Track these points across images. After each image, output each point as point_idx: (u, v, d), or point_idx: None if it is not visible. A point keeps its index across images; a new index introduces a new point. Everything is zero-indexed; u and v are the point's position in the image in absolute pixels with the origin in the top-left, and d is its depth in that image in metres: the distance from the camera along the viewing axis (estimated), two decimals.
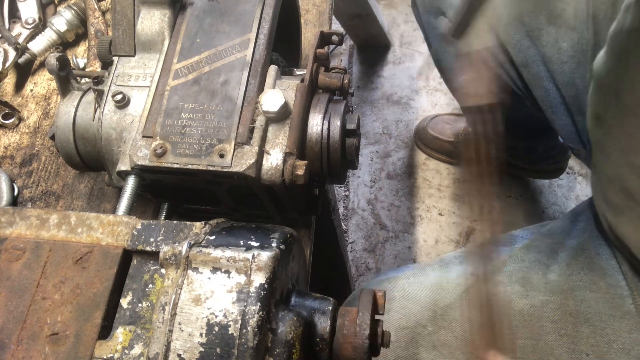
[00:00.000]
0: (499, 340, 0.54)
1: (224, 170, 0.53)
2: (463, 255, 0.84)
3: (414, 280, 0.81)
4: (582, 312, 0.69)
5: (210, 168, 0.53)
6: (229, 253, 0.45)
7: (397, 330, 0.77)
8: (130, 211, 0.56)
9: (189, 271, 0.45)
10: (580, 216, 0.81)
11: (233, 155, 0.53)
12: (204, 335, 0.42)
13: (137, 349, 0.44)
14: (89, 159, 0.64)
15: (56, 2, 0.92)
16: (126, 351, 0.44)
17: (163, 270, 0.46)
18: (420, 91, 1.90)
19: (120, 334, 0.45)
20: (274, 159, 0.54)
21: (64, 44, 0.89)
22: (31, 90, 0.87)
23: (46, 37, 0.86)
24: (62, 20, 0.86)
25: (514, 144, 1.46)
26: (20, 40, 0.85)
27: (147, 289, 0.47)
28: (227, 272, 0.44)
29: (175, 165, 0.54)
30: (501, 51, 0.87)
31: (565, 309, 0.69)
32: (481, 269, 0.60)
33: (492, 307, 0.55)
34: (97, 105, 0.61)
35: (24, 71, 0.88)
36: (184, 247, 0.46)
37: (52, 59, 0.60)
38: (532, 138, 1.42)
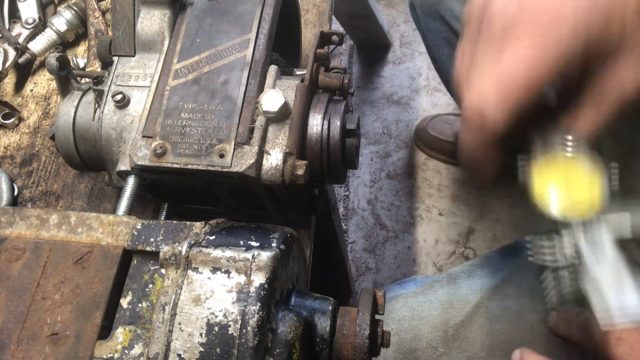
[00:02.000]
0: None
1: (224, 170, 0.53)
2: (470, 269, 0.82)
3: (423, 299, 0.79)
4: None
5: (210, 168, 0.53)
6: (229, 253, 0.45)
7: (408, 353, 0.76)
8: (130, 211, 0.56)
9: (189, 271, 0.45)
10: None
11: (233, 155, 0.53)
12: (204, 335, 0.42)
13: (137, 349, 0.44)
14: (89, 159, 0.64)
15: (56, 2, 0.91)
16: (126, 351, 0.44)
17: (163, 270, 0.46)
18: (420, 91, 1.90)
19: (120, 334, 0.45)
20: (274, 159, 0.54)
21: (64, 44, 0.89)
22: (31, 90, 0.87)
23: (46, 37, 0.86)
24: (62, 20, 0.86)
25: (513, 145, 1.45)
26: (20, 40, 0.85)
27: (147, 289, 0.47)
28: (227, 272, 0.44)
29: (175, 165, 0.54)
30: None
31: None
32: None
33: None
34: (97, 105, 0.61)
35: (24, 71, 0.88)
36: (184, 247, 0.46)
37: (52, 59, 0.60)
38: None
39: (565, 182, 0.45)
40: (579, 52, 0.41)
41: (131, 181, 0.56)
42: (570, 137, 0.46)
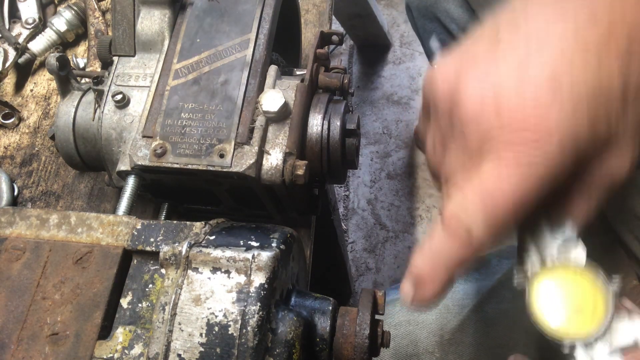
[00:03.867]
0: None
1: (224, 170, 0.53)
2: (467, 273, 0.82)
3: None
4: None
5: (210, 168, 0.53)
6: (229, 253, 0.45)
7: (405, 358, 0.76)
8: (130, 211, 0.56)
9: (189, 271, 0.45)
10: None
11: (233, 155, 0.53)
12: (204, 335, 0.42)
13: (137, 349, 0.44)
14: (89, 159, 0.64)
15: (56, 2, 0.91)
16: (126, 351, 0.44)
17: (163, 270, 0.46)
18: (420, 91, 1.90)
19: (120, 334, 0.45)
20: (274, 159, 0.54)
21: (64, 44, 0.89)
22: (31, 90, 0.87)
23: (46, 37, 0.86)
24: (62, 20, 0.86)
25: None
26: (20, 40, 0.85)
27: (147, 289, 0.47)
28: (227, 272, 0.44)
29: (175, 165, 0.54)
30: None
31: None
32: None
33: None
34: (97, 105, 0.61)
35: (24, 71, 0.88)
36: (184, 247, 0.46)
37: (52, 59, 0.60)
38: None
39: (566, 298, 0.42)
40: (567, 164, 0.40)
41: (131, 181, 0.56)
42: (563, 234, 0.44)
